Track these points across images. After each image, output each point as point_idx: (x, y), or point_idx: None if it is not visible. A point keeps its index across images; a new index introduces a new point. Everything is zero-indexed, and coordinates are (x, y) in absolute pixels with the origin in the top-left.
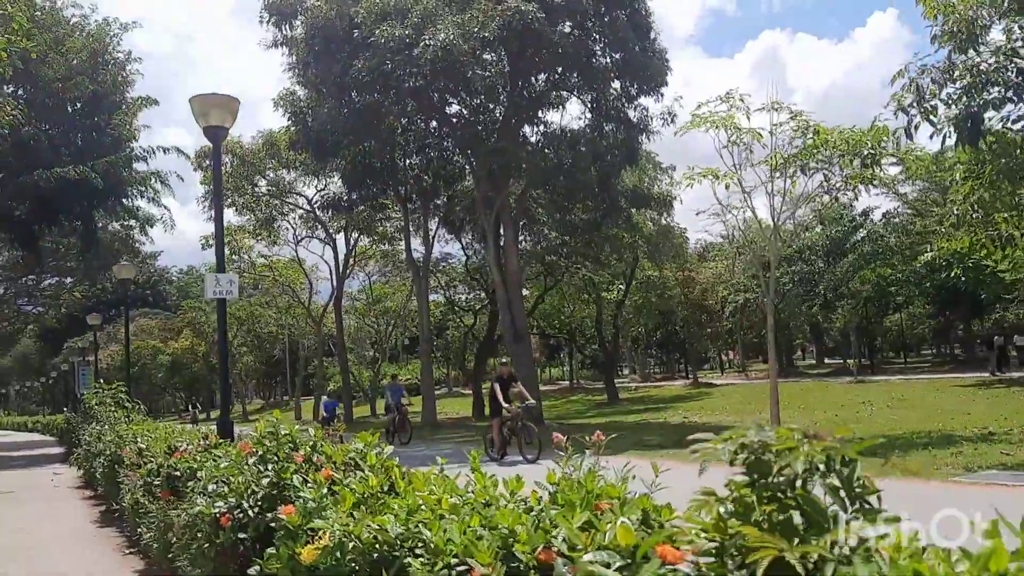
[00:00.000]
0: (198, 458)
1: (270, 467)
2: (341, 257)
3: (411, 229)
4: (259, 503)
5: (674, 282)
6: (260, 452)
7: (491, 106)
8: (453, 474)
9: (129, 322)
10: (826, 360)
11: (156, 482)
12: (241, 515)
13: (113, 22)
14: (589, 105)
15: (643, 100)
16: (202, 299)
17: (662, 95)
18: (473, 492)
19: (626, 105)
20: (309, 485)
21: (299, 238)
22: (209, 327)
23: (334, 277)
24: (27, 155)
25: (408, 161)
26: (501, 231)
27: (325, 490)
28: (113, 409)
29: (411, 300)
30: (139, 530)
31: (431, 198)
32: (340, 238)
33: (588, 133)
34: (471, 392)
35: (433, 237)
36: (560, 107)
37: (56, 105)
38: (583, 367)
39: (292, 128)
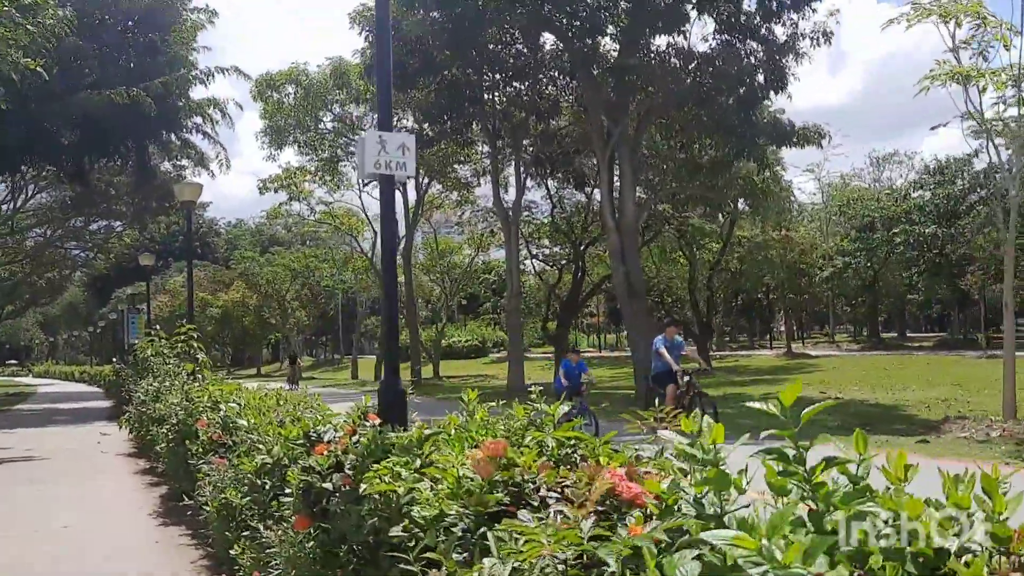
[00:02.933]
0: (403, 474)
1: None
2: (411, 204)
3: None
4: None
5: (775, 242)
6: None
7: (611, 17)
8: None
9: (190, 260)
10: (908, 333)
11: (283, 495)
12: None
13: None
14: (721, 22)
15: (791, 15)
16: (254, 250)
17: (814, 9)
18: None
19: (774, 20)
20: None
21: (365, 182)
22: (262, 278)
23: (402, 225)
24: (73, 74)
25: (496, 95)
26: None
27: None
28: (174, 362)
29: (478, 256)
30: (232, 553)
31: (521, 135)
32: (410, 184)
33: (723, 53)
34: (552, 357)
35: (524, 180)
36: (683, 25)
37: (106, 21)
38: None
39: (368, 52)
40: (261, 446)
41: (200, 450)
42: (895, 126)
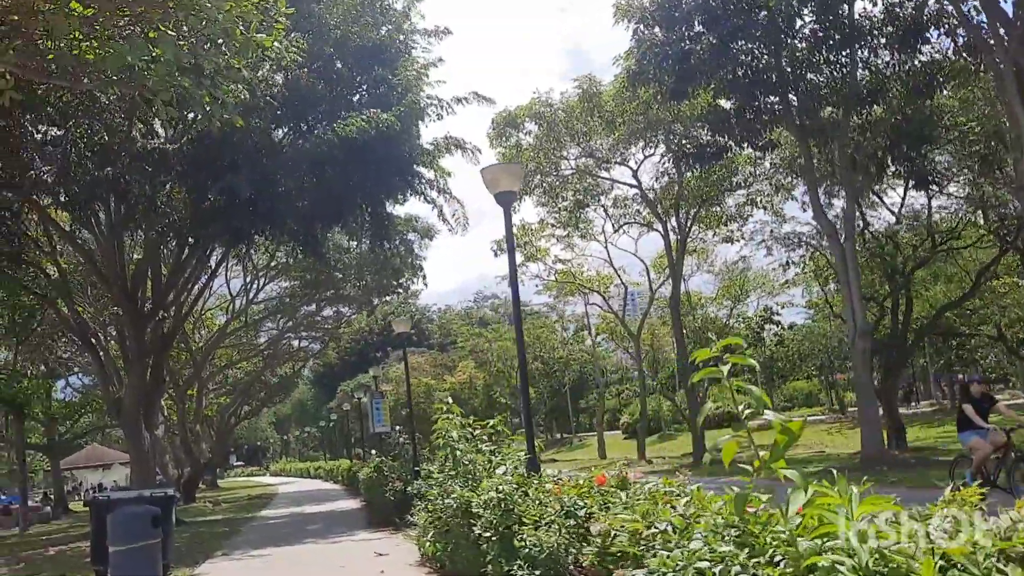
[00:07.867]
0: None
1: None
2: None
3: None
4: None
5: None
6: None
7: None
8: None
9: (512, 261)
10: None
11: None
12: None
13: None
14: None
15: None
16: (483, 326)
17: None
18: None
19: None
20: None
21: (617, 226)
22: (493, 354)
23: (652, 272)
24: (306, 110)
25: (804, 79)
26: None
27: None
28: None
29: (736, 307)
30: None
31: (847, 125)
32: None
33: None
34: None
35: (859, 182)
36: None
37: (334, 55)
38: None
39: (636, 53)
40: None
41: None
42: None
